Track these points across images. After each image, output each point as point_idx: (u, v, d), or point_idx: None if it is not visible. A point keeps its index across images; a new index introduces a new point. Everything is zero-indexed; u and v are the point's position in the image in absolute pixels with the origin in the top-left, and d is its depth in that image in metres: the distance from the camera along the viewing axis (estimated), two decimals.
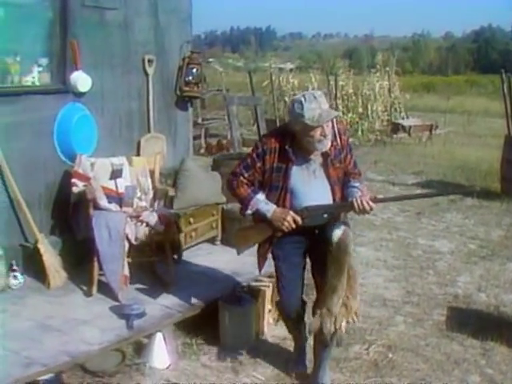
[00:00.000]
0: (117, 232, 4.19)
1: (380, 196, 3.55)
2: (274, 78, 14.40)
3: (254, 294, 4.22)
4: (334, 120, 3.36)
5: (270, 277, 4.26)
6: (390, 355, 4.01)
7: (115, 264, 4.18)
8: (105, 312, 3.92)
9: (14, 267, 4.32)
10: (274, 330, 4.29)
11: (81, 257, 4.40)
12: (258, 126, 9.06)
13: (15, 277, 4.29)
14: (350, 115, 14.86)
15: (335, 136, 3.37)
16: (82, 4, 4.82)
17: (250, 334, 4.10)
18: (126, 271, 4.25)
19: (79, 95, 4.84)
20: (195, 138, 8.43)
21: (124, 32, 5.23)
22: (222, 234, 5.36)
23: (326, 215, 3.36)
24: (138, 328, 3.78)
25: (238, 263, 4.58)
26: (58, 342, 3.53)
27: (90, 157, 4.66)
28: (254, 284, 4.34)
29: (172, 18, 5.66)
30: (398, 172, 10.41)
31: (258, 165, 3.36)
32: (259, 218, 3.42)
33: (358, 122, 14.86)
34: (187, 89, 5.79)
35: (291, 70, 18.15)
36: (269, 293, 4.24)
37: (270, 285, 4.24)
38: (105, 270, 4.19)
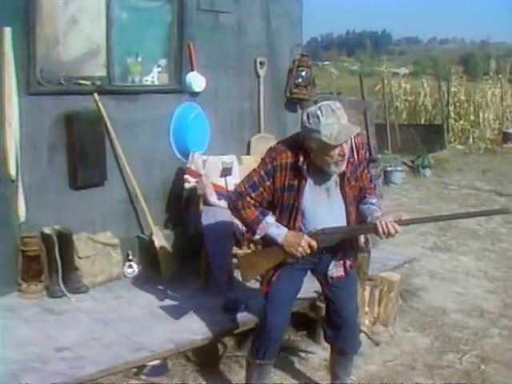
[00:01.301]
0: (225, 228, 4.27)
1: (405, 217, 3.18)
2: (386, 82, 14.19)
3: None
4: None
5: (368, 279, 4.30)
6: (483, 367, 3.89)
7: (222, 259, 4.26)
8: (210, 304, 3.99)
9: (130, 257, 4.56)
10: (370, 332, 4.23)
11: (191, 250, 4.55)
12: (367, 130, 8.94)
13: (130, 266, 4.53)
14: (461, 122, 14.42)
15: (352, 151, 3.05)
16: (197, 8, 5.01)
17: None
18: (232, 266, 4.34)
19: (194, 95, 5.03)
20: None
21: (237, 35, 5.37)
22: None
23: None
24: (240, 322, 3.82)
25: None
26: (165, 331, 3.66)
27: (203, 154, 4.82)
28: None
29: (283, 21, 5.73)
30: (506, 182, 10.01)
31: (267, 184, 2.95)
32: (269, 241, 3.03)
33: (469, 130, 14.41)
34: (296, 91, 5.83)
35: (405, 74, 17.79)
36: (366, 294, 4.25)
37: (368, 287, 4.25)
38: (212, 264, 4.28)
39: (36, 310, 3.90)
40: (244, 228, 3.23)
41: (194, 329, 3.71)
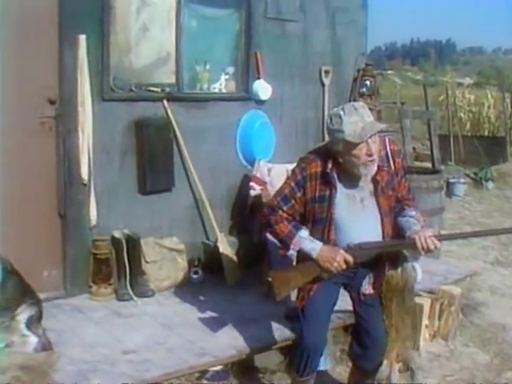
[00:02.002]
0: None
1: (443, 232, 3.02)
2: (449, 92, 13.91)
3: None
4: (387, 140, 2.95)
5: (429, 292, 4.27)
6: None
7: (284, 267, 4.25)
8: (272, 312, 3.97)
9: (195, 263, 4.58)
10: (429, 346, 4.21)
11: (255, 257, 4.54)
12: (430, 141, 8.80)
13: (195, 272, 4.55)
14: None
15: (388, 159, 2.92)
16: (264, 16, 5.04)
17: None
18: None
19: (260, 103, 5.06)
20: None
21: (303, 43, 5.37)
22: None
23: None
24: None
25: None
26: (228, 337, 3.67)
27: (268, 162, 4.82)
28: None
29: (348, 31, 5.70)
30: None
31: (299, 195, 2.87)
32: (303, 256, 2.94)
33: None
34: (361, 100, 5.78)
35: (469, 85, 17.41)
36: (427, 307, 4.17)
37: (429, 300, 4.19)
38: None
39: (104, 313, 3.98)
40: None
41: (256, 336, 3.71)
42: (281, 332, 3.76)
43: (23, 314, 3.31)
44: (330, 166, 2.82)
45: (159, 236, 4.49)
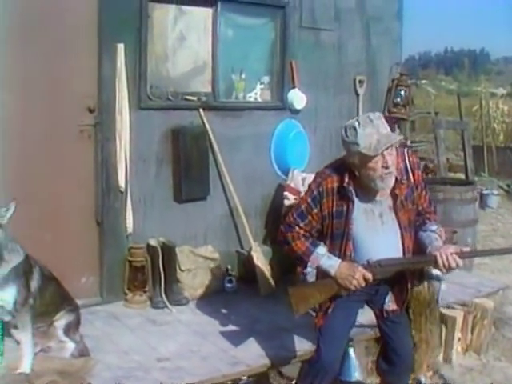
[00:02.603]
0: None
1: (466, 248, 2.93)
2: (483, 103, 13.75)
3: (445, 320, 4.11)
4: (406, 152, 2.89)
5: (462, 305, 4.27)
6: None
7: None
8: (304, 322, 3.90)
9: (229, 271, 4.59)
10: (462, 359, 4.18)
11: (288, 267, 4.50)
12: (464, 152, 8.72)
13: (229, 281, 4.55)
14: None
15: (407, 171, 2.84)
16: (299, 25, 5.05)
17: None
18: None
19: (295, 112, 5.05)
20: None
21: (337, 53, 5.36)
22: None
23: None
24: None
25: None
26: (261, 346, 3.67)
27: (302, 172, 4.82)
28: (445, 311, 4.20)
29: (383, 40, 5.68)
30: None
31: (315, 211, 2.81)
32: (321, 273, 2.89)
33: None
34: (395, 110, 5.76)
35: (502, 95, 17.18)
36: (459, 320, 4.15)
37: (462, 313, 4.18)
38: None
39: (139, 320, 4.00)
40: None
41: (288, 346, 3.71)
42: (312, 342, 3.66)
43: (61, 320, 3.36)
44: (346, 180, 2.75)
45: (194, 244, 4.51)
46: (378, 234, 2.81)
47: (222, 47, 4.66)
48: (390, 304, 2.98)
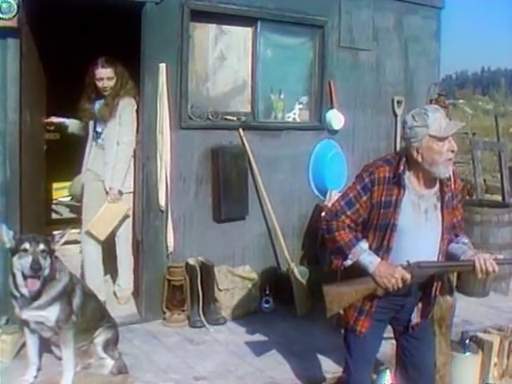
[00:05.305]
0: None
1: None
2: None
3: (481, 344, 4.01)
4: None
5: (498, 329, 4.20)
6: None
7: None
8: (341, 343, 3.92)
9: (267, 291, 4.56)
10: None
11: None
12: (501, 173, 8.55)
13: (267, 301, 4.53)
14: None
15: (449, 178, 2.81)
16: (338, 45, 5.06)
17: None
18: None
19: (333, 133, 5.05)
20: None
21: (375, 73, 5.35)
22: (458, 280, 5.07)
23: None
24: None
25: (470, 311, 4.68)
26: (298, 367, 3.66)
27: (339, 192, 4.77)
28: (481, 335, 4.12)
29: (421, 60, 5.66)
30: None
31: (364, 199, 2.72)
32: (354, 271, 2.78)
33: None
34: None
35: None
36: (496, 345, 4.06)
37: (499, 338, 4.09)
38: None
39: (177, 339, 4.01)
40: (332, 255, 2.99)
41: (325, 367, 3.69)
42: None
43: (100, 336, 3.39)
44: (401, 168, 2.72)
45: (232, 264, 4.51)
46: (421, 230, 2.75)
47: (262, 67, 4.69)
48: (415, 317, 2.92)
